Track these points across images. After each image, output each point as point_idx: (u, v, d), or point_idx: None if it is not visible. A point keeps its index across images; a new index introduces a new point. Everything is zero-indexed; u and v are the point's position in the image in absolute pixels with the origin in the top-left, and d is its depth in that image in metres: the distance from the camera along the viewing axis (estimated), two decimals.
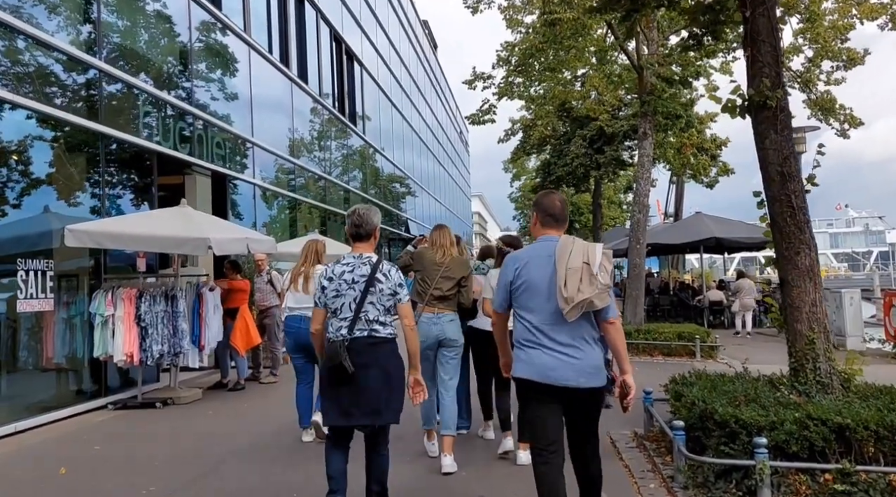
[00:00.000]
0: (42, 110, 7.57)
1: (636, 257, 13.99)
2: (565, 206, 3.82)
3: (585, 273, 3.42)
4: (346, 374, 3.84)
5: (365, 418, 3.92)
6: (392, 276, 4.06)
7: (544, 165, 23.72)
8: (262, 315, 10.38)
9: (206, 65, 11.87)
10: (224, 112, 12.17)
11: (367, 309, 3.96)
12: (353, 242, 4.19)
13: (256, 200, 13.51)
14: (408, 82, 29.90)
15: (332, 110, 18.68)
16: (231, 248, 8.57)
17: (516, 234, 57.75)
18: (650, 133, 13.96)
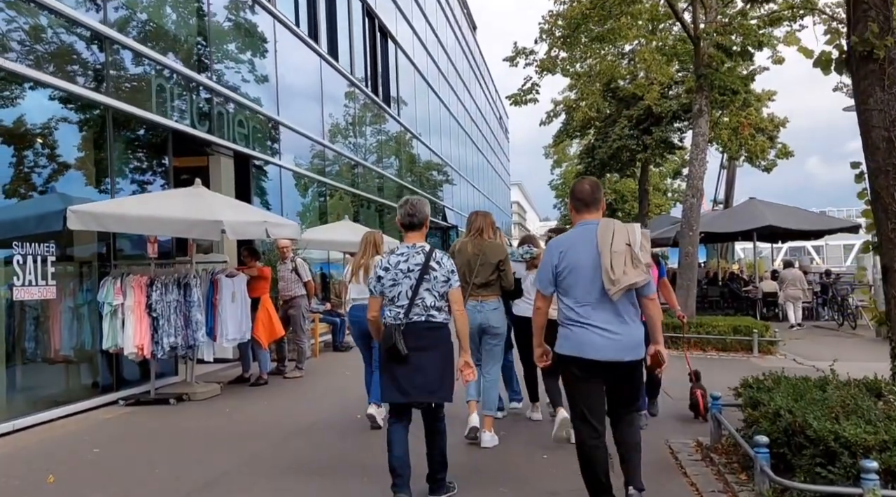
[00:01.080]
0: (39, 79, 6.95)
1: (688, 245, 12.96)
2: (596, 188, 3.95)
3: (628, 255, 3.61)
4: (400, 355, 4.09)
5: (421, 396, 4.19)
6: (445, 264, 4.26)
7: (588, 149, 22.61)
8: (286, 305, 9.72)
9: (228, 37, 11.21)
10: (247, 89, 11.50)
11: (423, 295, 4.18)
12: (406, 232, 4.37)
13: (283, 184, 12.85)
14: (445, 64, 28.96)
15: (366, 90, 17.92)
16: (248, 233, 7.87)
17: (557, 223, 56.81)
18: (706, 110, 12.88)
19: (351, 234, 12.50)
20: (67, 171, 7.52)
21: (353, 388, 8.76)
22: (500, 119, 51.79)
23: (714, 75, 12.52)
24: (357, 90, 17.28)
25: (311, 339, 11.57)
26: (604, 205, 4.04)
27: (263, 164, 12.01)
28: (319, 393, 8.39)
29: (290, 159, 13.10)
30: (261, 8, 11.99)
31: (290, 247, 9.76)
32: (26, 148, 6.97)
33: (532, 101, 14.21)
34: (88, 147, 7.74)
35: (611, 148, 20.00)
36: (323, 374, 9.95)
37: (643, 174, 21.87)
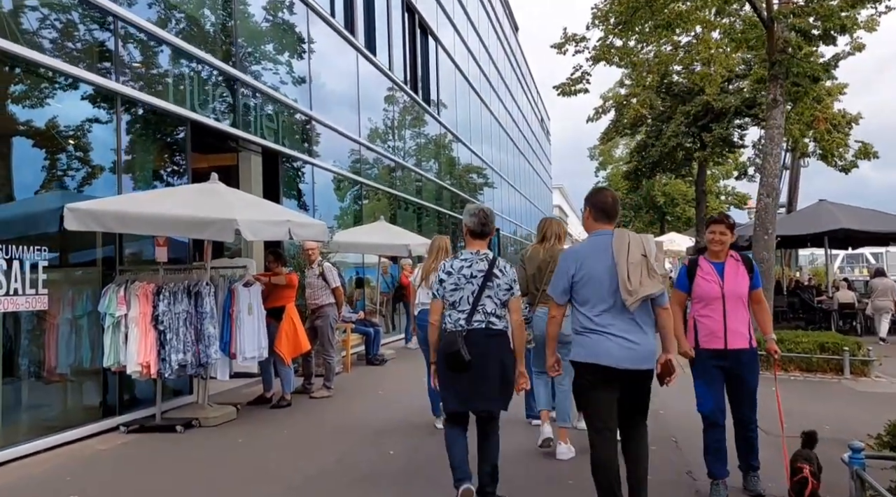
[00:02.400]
0: (39, 61, 6.07)
1: (763, 250, 11.58)
2: (617, 201, 4.11)
3: (645, 266, 3.72)
4: (462, 362, 4.06)
5: (480, 404, 4.20)
6: (508, 272, 4.30)
7: (639, 147, 21.25)
8: (313, 315, 8.72)
9: (255, 25, 10.31)
10: (276, 81, 10.59)
11: (485, 302, 4.21)
12: (471, 239, 4.41)
13: (316, 184, 11.91)
14: (487, 64, 27.87)
15: (405, 88, 16.93)
16: (267, 233, 6.88)
17: None
18: (781, 100, 11.51)
19: (387, 237, 11.52)
20: (69, 165, 6.65)
21: (388, 410, 7.73)
22: (541, 121, 50.49)
23: (790, 61, 11.18)
24: (396, 88, 16.31)
25: (342, 352, 10.59)
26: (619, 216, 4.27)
27: (294, 162, 11.08)
28: (349, 418, 7.36)
29: (324, 158, 12.16)
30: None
31: (318, 249, 8.77)
32: (24, 139, 6.10)
33: (583, 92, 13.03)
34: (93, 138, 6.85)
35: (665, 146, 18.62)
36: (354, 392, 8.93)
37: (700, 175, 20.40)
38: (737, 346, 4.50)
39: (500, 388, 4.18)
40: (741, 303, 4.57)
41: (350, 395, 8.71)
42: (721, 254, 4.66)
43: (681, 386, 4.39)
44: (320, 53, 12.13)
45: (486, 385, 4.13)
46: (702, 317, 4.59)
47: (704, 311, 4.58)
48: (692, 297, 4.69)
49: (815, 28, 11.05)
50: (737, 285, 4.57)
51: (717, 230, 4.66)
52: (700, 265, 4.68)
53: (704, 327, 4.57)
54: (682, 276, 4.75)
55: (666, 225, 38.32)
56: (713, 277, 4.60)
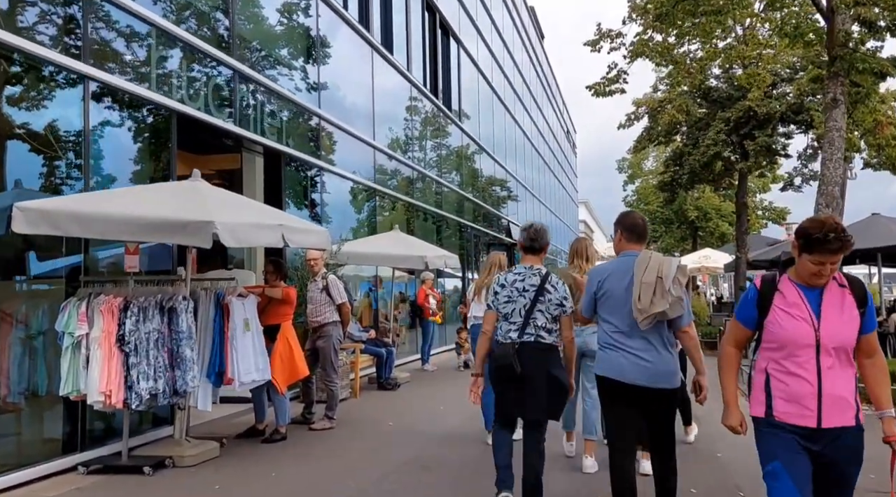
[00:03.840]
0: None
1: None
2: (646, 224, 4.25)
3: (659, 287, 3.80)
4: (513, 373, 4.26)
5: (531, 414, 4.38)
6: (559, 288, 4.48)
7: (676, 156, 20.01)
8: (315, 335, 7.68)
9: (258, 13, 9.38)
10: (280, 74, 9.64)
11: (536, 316, 4.38)
12: (525, 254, 4.65)
13: (324, 188, 10.93)
14: (511, 70, 26.83)
15: (424, 90, 15.95)
16: (255, 239, 5.84)
17: None
18: (842, 99, 10.35)
19: (401, 247, 10.50)
20: (25, 158, 5.71)
21: (400, 445, 6.67)
22: (567, 133, 49.33)
23: (853, 56, 10.02)
24: (415, 90, 15.32)
25: (349, 376, 9.54)
26: (649, 239, 4.69)
27: (300, 164, 10.11)
28: (351, 456, 6.31)
29: (334, 161, 11.18)
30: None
31: (321, 260, 7.74)
32: None
33: (619, 92, 11.95)
34: (56, 128, 5.91)
35: (704, 155, 17.38)
36: (361, 422, 7.87)
37: (741, 186, 19.10)
38: (837, 423, 2.95)
39: (547, 400, 4.34)
40: (845, 355, 2.99)
41: (356, 427, 7.65)
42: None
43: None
44: (331, 48, 11.20)
45: (535, 396, 4.31)
46: (780, 373, 3.00)
47: (786, 363, 2.98)
48: (763, 338, 3.07)
49: (881, 19, 9.89)
50: (842, 327, 2.95)
51: (828, 260, 2.90)
52: (782, 290, 3.02)
53: (785, 390, 2.98)
54: (749, 304, 3.12)
55: (698, 240, 36.81)
56: (803, 312, 2.96)
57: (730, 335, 3.26)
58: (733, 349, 3.23)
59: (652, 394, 3.83)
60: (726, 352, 3.24)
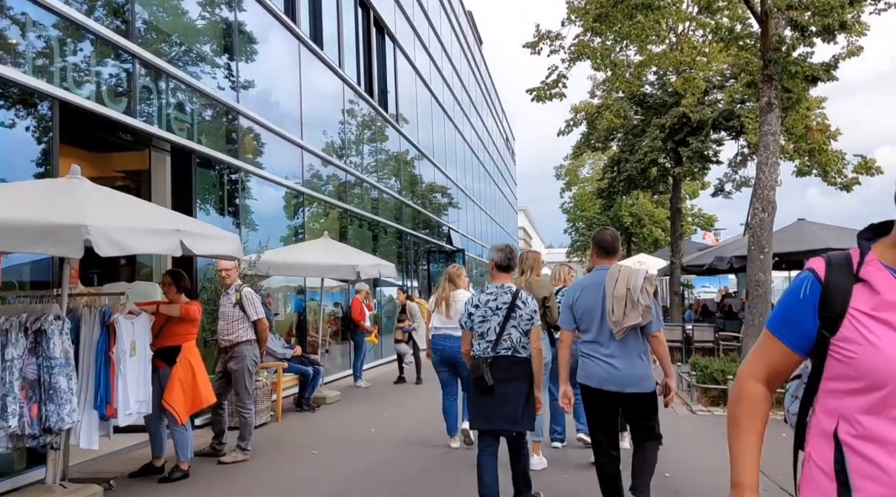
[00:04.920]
0: None
1: (759, 272, 10.09)
2: (616, 239, 4.62)
3: (629, 299, 4.14)
4: (486, 385, 4.51)
5: (504, 425, 4.57)
6: (529, 304, 4.70)
7: (613, 162, 19.78)
8: (226, 355, 6.83)
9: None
10: (190, 63, 8.75)
11: (510, 331, 4.61)
12: (497, 273, 4.85)
13: (244, 192, 10.05)
14: (451, 75, 26.25)
15: (358, 89, 15.16)
16: (141, 245, 4.93)
17: (564, 250, 53.90)
18: (776, 103, 10.10)
19: (331, 256, 9.70)
20: None
21: (324, 477, 5.90)
22: (507, 140, 49.16)
23: (786, 60, 9.81)
24: (348, 88, 14.52)
25: (272, 397, 8.68)
26: (620, 253, 4.83)
27: (215, 164, 9.21)
28: (267, 492, 5.50)
29: (257, 162, 10.32)
30: None
31: (235, 271, 6.89)
32: None
33: (559, 97, 11.44)
34: None
35: (641, 161, 17.17)
36: (280, 451, 7.05)
37: (676, 191, 19.01)
38: None
39: (522, 411, 4.54)
40: None
41: (274, 456, 6.83)
42: None
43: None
44: (252, 39, 10.35)
45: (508, 407, 4.51)
46: (869, 441, 1.54)
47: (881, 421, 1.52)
48: (830, 372, 1.63)
49: (812, 24, 9.69)
50: None
51: None
52: (869, 280, 1.59)
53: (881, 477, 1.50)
54: (802, 307, 1.66)
55: (632, 246, 37.03)
56: None
57: (756, 362, 1.79)
58: (760, 388, 1.80)
59: (627, 398, 4.22)
60: (746, 391, 1.80)
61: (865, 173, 14.47)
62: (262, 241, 9.50)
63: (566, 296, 4.53)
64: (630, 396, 4.20)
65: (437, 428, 8.03)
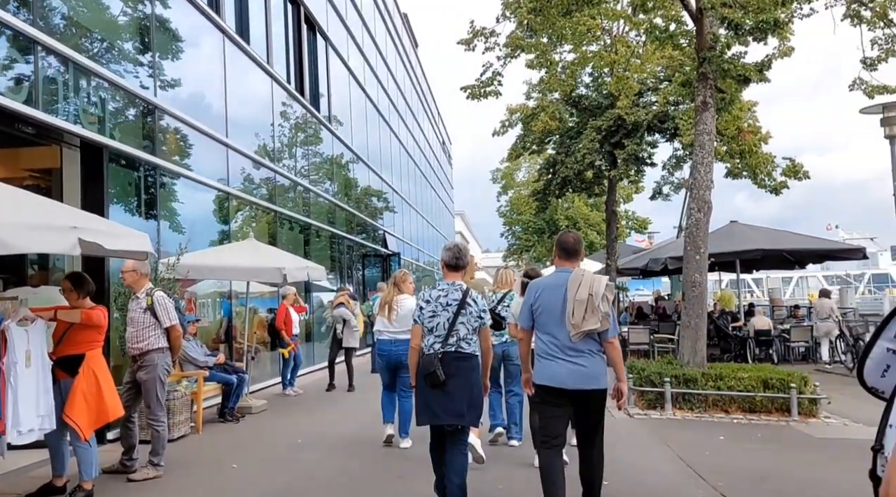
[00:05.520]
0: None
1: (695, 272, 10.13)
2: (578, 242, 4.71)
3: (590, 304, 4.24)
4: (438, 381, 4.58)
5: (450, 419, 4.65)
6: (479, 303, 4.83)
7: (549, 164, 19.83)
8: (136, 364, 6.35)
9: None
10: (104, 52, 8.21)
11: (459, 328, 4.72)
12: (448, 272, 4.98)
13: (164, 190, 9.53)
14: (385, 76, 25.91)
15: (288, 87, 14.69)
16: (29, 244, 4.44)
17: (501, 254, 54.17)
18: (711, 102, 10.18)
19: (255, 258, 9.29)
20: None
21: (242, 493, 5.51)
22: (443, 144, 49.07)
23: (720, 59, 9.88)
24: (277, 86, 14.05)
25: (193, 408, 8.19)
26: (583, 255, 4.79)
27: (131, 161, 8.68)
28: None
29: (178, 159, 9.80)
30: None
31: (139, 272, 6.41)
32: None
33: (494, 95, 11.30)
34: None
35: (579, 163, 17.21)
36: (197, 466, 6.62)
37: (611, 193, 19.17)
38: None
39: (467, 406, 4.61)
40: None
41: (190, 472, 6.39)
42: None
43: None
44: (171, 28, 9.83)
45: (455, 402, 4.58)
46: None
47: None
48: None
49: (747, 21, 9.77)
50: None
51: None
52: None
53: None
54: None
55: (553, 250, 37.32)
56: None
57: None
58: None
59: (586, 395, 4.32)
60: None
61: (794, 177, 14.83)
62: (182, 244, 9.00)
63: (527, 294, 4.61)
64: (588, 393, 4.31)
65: (368, 436, 7.74)
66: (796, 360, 15.53)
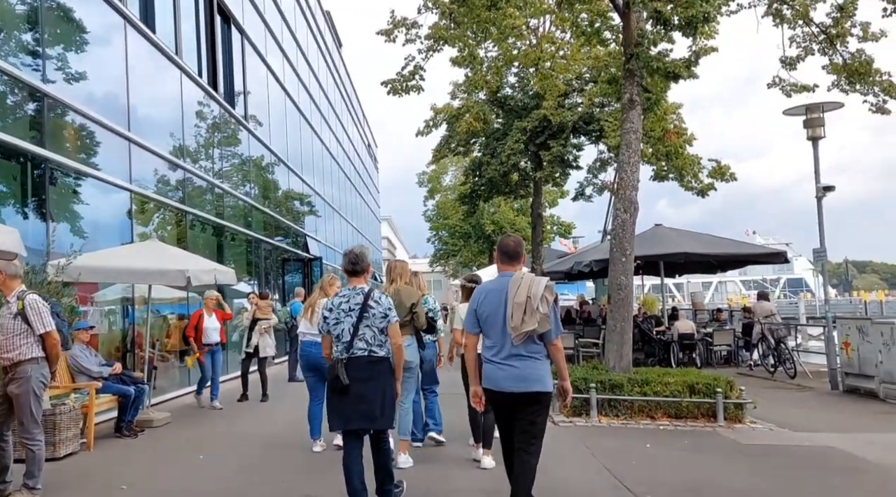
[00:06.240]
0: None
1: (621, 275, 9.97)
2: (519, 245, 4.69)
3: (529, 306, 4.25)
4: (341, 385, 4.62)
5: (363, 423, 4.70)
6: (382, 302, 4.87)
7: (475, 166, 19.55)
8: (6, 376, 5.60)
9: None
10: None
11: (364, 331, 4.77)
12: (349, 277, 5.03)
13: (56, 186, 8.69)
14: (307, 76, 25.08)
15: (199, 80, 13.87)
16: None
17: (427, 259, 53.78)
18: (638, 100, 10.06)
19: (158, 260, 8.56)
20: None
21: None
22: (369, 147, 48.36)
23: (647, 55, 9.76)
24: (186, 78, 13.22)
25: (76, 426, 7.40)
26: (525, 259, 4.98)
27: (13, 153, 7.83)
28: None
29: (71, 152, 8.96)
30: None
31: (4, 273, 5.65)
32: None
33: (416, 90, 10.89)
34: None
35: (504, 165, 16.98)
36: (82, 488, 5.98)
37: (537, 196, 19.04)
38: None
39: (380, 409, 4.66)
40: None
41: (75, 495, 5.69)
42: None
43: None
44: (64, 10, 9.00)
45: (366, 406, 4.64)
46: None
47: None
48: None
49: (675, 15, 9.62)
50: None
51: None
52: None
53: None
54: None
55: (494, 253, 37.31)
56: None
57: None
58: None
59: (526, 397, 4.29)
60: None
61: (720, 179, 14.97)
62: (73, 244, 8.20)
63: (472, 298, 4.61)
64: (531, 396, 4.30)
65: (279, 451, 7.19)
66: (719, 363, 15.68)
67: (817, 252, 12.10)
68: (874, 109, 10.78)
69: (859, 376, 10.92)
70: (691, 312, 22.56)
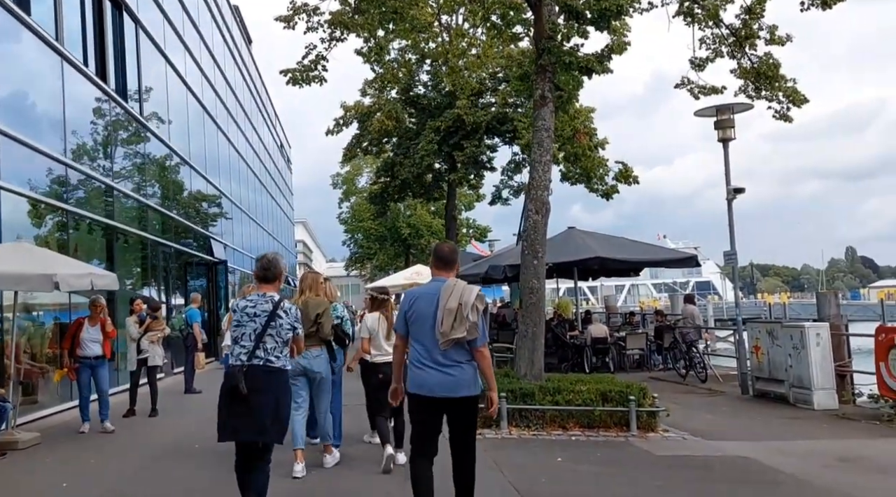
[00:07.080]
0: None
1: (533, 278, 9.66)
2: (453, 252, 4.83)
3: (459, 313, 4.31)
4: (239, 393, 4.44)
5: (251, 435, 4.53)
6: (291, 313, 4.81)
7: (387, 166, 18.99)
8: None
9: None
10: None
11: (266, 340, 4.65)
12: (259, 283, 4.94)
13: None
14: (213, 71, 23.88)
15: (84, 69, 12.74)
16: None
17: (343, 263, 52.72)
18: (550, 96, 9.78)
19: (21, 264, 7.63)
20: None
21: None
22: (281, 147, 46.95)
23: (560, 50, 9.50)
24: (69, 66, 12.10)
25: None
26: (458, 267, 4.83)
27: None
28: None
29: None
30: None
31: None
32: None
33: (318, 81, 10.26)
34: None
35: (417, 166, 16.51)
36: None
37: (451, 197, 18.66)
38: None
39: (270, 422, 4.51)
40: None
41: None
42: None
43: None
44: None
45: (258, 417, 4.46)
46: None
47: None
48: None
49: (587, 9, 9.37)
50: None
51: None
52: None
53: None
54: None
55: (411, 257, 36.90)
56: None
57: None
58: None
59: (457, 402, 4.36)
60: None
61: (624, 181, 14.96)
62: None
63: (402, 302, 4.69)
64: (460, 400, 4.35)
65: (161, 475, 6.45)
66: (632, 367, 15.67)
67: (728, 254, 12.12)
68: (778, 116, 10.89)
69: (769, 380, 10.93)
70: (605, 316, 22.70)
